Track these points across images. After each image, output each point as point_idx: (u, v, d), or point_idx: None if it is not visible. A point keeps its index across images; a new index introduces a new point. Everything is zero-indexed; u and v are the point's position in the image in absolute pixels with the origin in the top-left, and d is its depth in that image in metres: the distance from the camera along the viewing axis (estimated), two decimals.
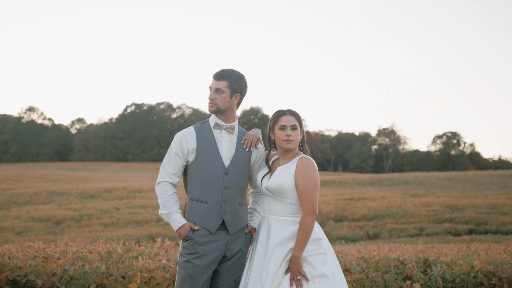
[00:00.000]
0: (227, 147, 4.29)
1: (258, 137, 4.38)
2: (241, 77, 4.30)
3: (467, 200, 35.91)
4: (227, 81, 4.24)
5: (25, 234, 27.58)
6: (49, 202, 39.82)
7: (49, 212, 33.86)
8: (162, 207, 4.25)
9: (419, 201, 35.55)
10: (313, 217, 4.10)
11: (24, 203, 39.53)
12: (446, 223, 28.47)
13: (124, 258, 6.03)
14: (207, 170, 4.22)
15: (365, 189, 44.54)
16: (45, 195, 42.30)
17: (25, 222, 30.99)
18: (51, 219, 32.02)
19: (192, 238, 4.19)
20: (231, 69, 4.30)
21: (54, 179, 60.12)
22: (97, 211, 34.51)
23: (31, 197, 41.53)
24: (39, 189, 45.32)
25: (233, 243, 4.29)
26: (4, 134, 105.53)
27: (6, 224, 30.27)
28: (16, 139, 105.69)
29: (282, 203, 4.21)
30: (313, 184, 4.13)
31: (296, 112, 4.29)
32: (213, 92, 4.26)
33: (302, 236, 4.06)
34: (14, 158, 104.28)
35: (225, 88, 4.24)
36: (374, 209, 32.65)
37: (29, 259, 5.77)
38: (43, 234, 27.65)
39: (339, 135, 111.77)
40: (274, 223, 4.20)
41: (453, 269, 6.30)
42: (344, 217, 31.30)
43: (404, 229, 27.31)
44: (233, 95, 4.27)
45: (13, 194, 42.40)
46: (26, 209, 36.02)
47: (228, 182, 4.23)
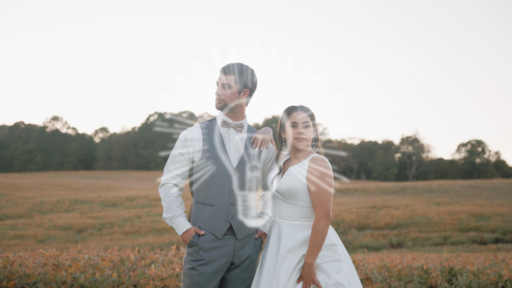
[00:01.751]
0: (235, 146, 4.01)
1: (268, 136, 4.09)
2: (251, 72, 4.00)
3: (493, 208, 35.29)
4: (235, 76, 3.95)
5: (47, 242, 27.66)
6: (72, 210, 40.01)
7: (71, 220, 33.99)
8: (166, 210, 3.96)
9: (444, 209, 35.01)
10: (327, 221, 3.80)
11: (47, 211, 39.77)
12: (472, 232, 27.97)
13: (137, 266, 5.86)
14: (214, 170, 3.95)
15: (388, 197, 44.05)
16: (67, 203, 42.52)
17: (47, 230, 31.12)
18: (73, 227, 32.13)
19: (197, 243, 3.92)
20: (239, 63, 3.99)
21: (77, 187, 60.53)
22: (119, 219, 34.56)
23: (54, 205, 41.78)
24: (62, 198, 45.58)
25: (241, 249, 3.99)
26: (29, 143, 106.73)
27: (28, 232, 30.41)
28: (40, 148, 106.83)
29: (293, 206, 3.92)
30: (326, 185, 3.82)
31: (309, 109, 3.99)
32: (220, 87, 3.98)
33: (315, 241, 3.76)
34: (38, 167, 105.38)
35: (233, 83, 3.95)
36: (397, 217, 32.22)
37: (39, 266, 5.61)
38: (64, 242, 27.71)
39: (362, 143, 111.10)
40: (285, 227, 3.91)
41: (480, 279, 6.01)
42: (367, 225, 30.92)
43: (428, 237, 26.89)
44: (241, 91, 3.97)
45: (36, 203, 42.71)
46: (48, 217, 36.21)
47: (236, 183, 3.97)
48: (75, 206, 41.45)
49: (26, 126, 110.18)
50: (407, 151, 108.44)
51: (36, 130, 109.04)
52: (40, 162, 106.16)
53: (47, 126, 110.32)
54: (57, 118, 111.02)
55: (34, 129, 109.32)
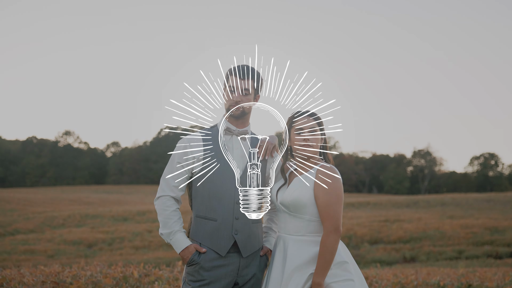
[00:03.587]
0: (239, 155, 3.66)
1: (274, 144, 3.72)
2: (260, 75, 3.67)
3: (508, 221, 34.77)
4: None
5: (57, 257, 27.52)
6: (83, 225, 39.96)
7: (81, 235, 33.90)
8: (163, 225, 3.62)
9: (457, 223, 34.54)
10: (337, 236, 3.45)
11: (58, 226, 39.74)
12: (486, 246, 27.51)
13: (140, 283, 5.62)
14: (216, 182, 3.60)
15: (400, 211, 43.60)
16: (78, 218, 42.49)
17: (58, 245, 31.02)
18: (83, 242, 32.01)
19: (198, 262, 3.57)
20: (251, 66, 3.64)
21: (89, 202, 60.53)
22: (129, 233, 34.42)
23: (65, 220, 41.78)
24: (73, 212, 45.58)
25: (246, 268, 3.64)
26: (41, 158, 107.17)
27: (39, 247, 30.32)
28: (52, 163, 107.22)
29: (299, 220, 3.56)
30: (335, 196, 3.48)
31: (315, 113, 3.62)
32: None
33: (324, 258, 3.40)
34: (50, 182, 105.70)
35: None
36: (410, 231, 31.80)
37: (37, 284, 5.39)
38: (74, 257, 27.56)
39: (374, 156, 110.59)
40: (291, 244, 3.55)
41: None
42: (379, 239, 30.51)
43: (442, 252, 26.48)
44: (255, 96, 3.67)
45: (47, 217, 42.74)
46: (59, 232, 36.14)
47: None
48: (86, 221, 41.41)
49: (39, 141, 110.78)
50: (419, 164, 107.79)
51: (48, 145, 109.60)
52: (52, 176, 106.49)
53: (59, 141, 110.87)
54: (69, 133, 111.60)
55: (46, 144, 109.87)
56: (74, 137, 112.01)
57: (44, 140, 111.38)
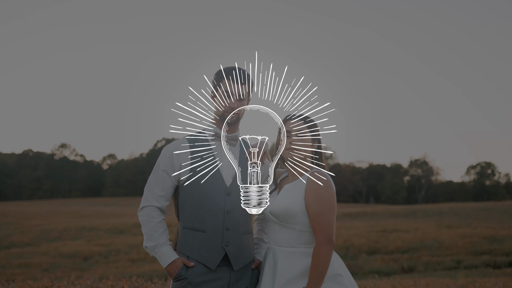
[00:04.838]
0: (228, 162, 3.41)
1: (265, 151, 3.40)
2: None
3: (506, 231, 34.65)
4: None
5: (52, 271, 27.26)
6: (78, 237, 39.70)
7: (77, 248, 33.66)
8: (147, 238, 3.41)
9: (455, 232, 34.42)
10: (330, 247, 3.20)
11: (53, 239, 39.48)
12: (485, 255, 27.38)
13: None
14: (204, 190, 3.36)
15: (398, 221, 43.46)
16: (74, 230, 42.25)
17: (53, 258, 30.76)
18: (79, 255, 31.75)
19: (186, 277, 3.32)
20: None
21: (85, 214, 60.27)
22: (126, 246, 34.18)
23: (60, 232, 41.54)
24: (69, 225, 45.34)
25: (237, 282, 3.40)
26: (37, 171, 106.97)
27: (34, 260, 30.06)
28: (49, 176, 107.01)
29: (290, 230, 3.33)
30: (328, 205, 3.24)
31: (307, 116, 3.37)
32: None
33: (317, 271, 3.16)
34: (47, 195, 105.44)
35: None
36: (408, 241, 31.66)
37: None
38: (70, 270, 27.29)
39: (370, 166, 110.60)
40: (282, 256, 3.31)
41: None
42: (377, 249, 30.34)
43: (440, 261, 26.33)
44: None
45: (43, 230, 42.49)
46: (55, 245, 35.88)
47: (231, 205, 3.37)
48: (82, 234, 41.16)
49: (35, 154, 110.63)
50: (416, 174, 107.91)
51: (44, 157, 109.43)
52: (48, 189, 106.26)
53: (55, 153, 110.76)
54: (65, 146, 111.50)
55: (42, 157, 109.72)
56: (70, 150, 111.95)
57: (40, 153, 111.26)
